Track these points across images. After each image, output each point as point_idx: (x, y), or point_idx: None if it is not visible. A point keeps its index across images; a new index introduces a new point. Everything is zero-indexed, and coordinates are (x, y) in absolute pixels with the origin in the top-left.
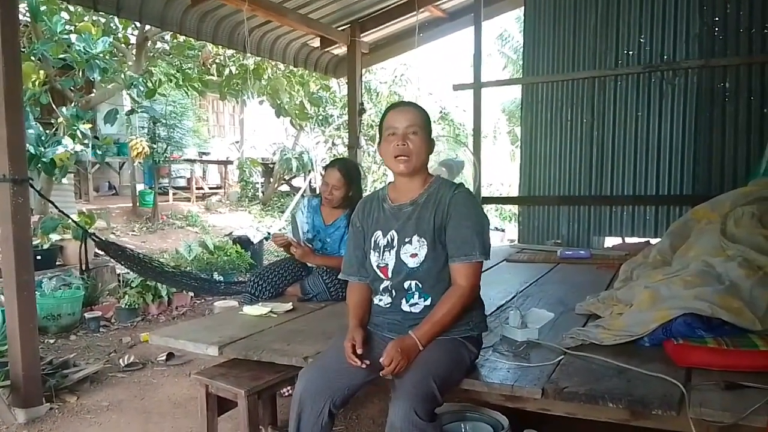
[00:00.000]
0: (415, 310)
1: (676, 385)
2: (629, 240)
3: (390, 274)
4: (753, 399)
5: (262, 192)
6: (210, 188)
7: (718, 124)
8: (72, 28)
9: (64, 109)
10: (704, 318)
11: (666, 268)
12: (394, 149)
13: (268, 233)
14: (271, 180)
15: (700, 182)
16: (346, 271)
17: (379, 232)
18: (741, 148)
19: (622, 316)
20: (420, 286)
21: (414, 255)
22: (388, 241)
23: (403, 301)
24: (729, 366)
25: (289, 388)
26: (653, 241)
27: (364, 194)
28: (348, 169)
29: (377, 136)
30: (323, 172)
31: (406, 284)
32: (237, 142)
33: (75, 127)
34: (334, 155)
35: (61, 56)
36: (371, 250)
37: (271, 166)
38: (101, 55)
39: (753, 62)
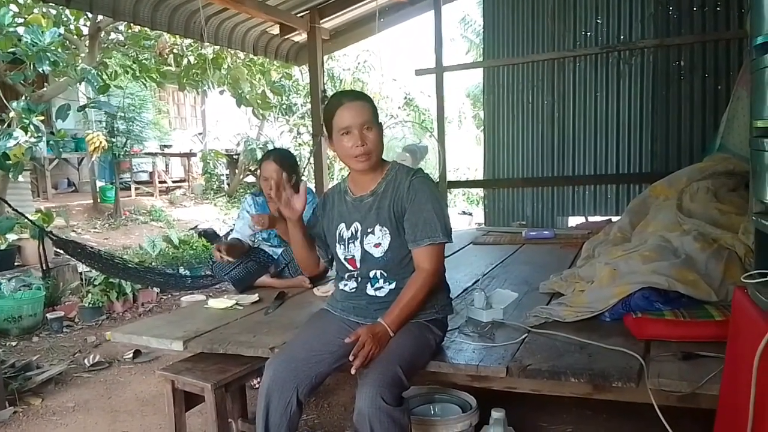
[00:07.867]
0: (380, 293)
1: (636, 358)
2: (592, 219)
3: (358, 265)
4: (709, 368)
5: (228, 184)
6: (174, 182)
7: (675, 102)
8: (21, 20)
9: (14, 103)
10: (662, 291)
11: (626, 245)
12: (354, 150)
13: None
14: (236, 171)
15: (658, 159)
16: None
17: (343, 225)
18: (697, 125)
19: (584, 292)
20: (385, 274)
21: (378, 245)
22: (352, 233)
23: (368, 285)
24: (686, 337)
25: (259, 378)
26: (615, 218)
27: (331, 183)
28: (282, 158)
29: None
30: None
31: (371, 273)
32: (200, 133)
33: (27, 120)
34: (300, 144)
35: (11, 50)
36: (336, 243)
37: (236, 157)
38: (51, 47)
39: (707, 40)
